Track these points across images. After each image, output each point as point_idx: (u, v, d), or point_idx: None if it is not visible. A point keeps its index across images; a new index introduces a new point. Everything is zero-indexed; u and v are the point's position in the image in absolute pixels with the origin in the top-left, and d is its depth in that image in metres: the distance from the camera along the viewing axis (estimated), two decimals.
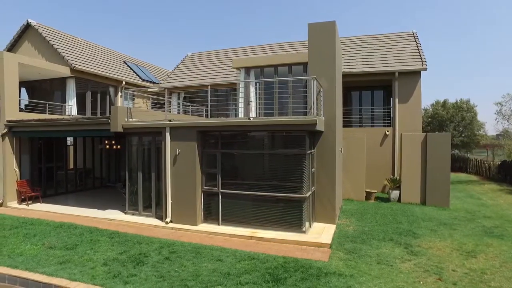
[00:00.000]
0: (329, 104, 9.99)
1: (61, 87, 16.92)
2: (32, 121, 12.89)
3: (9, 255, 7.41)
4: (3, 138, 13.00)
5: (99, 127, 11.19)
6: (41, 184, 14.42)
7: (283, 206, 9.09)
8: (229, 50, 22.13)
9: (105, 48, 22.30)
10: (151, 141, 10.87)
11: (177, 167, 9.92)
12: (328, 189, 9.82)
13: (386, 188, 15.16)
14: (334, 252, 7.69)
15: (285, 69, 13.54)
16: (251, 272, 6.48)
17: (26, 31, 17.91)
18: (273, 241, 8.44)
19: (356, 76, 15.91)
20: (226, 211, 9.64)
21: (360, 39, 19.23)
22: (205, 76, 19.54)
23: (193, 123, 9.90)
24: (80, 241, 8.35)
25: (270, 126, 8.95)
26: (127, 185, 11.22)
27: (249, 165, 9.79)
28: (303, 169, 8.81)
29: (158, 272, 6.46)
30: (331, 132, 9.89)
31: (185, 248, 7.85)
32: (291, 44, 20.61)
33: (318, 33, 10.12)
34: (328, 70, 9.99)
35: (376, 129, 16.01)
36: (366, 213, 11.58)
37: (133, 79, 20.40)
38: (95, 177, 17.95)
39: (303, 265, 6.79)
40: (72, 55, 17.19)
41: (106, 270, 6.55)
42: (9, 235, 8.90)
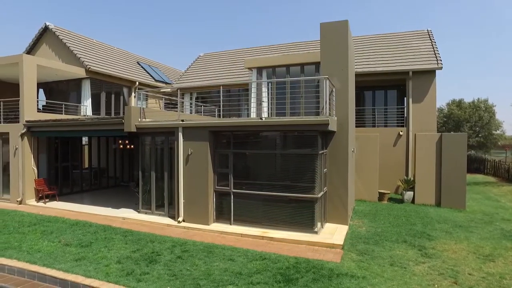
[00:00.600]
0: (342, 104, 9.90)
1: (77, 88, 17.27)
2: (49, 121, 13.20)
3: (28, 251, 7.62)
4: (22, 138, 13.35)
5: (113, 127, 11.36)
6: (58, 183, 14.75)
7: (295, 207, 9.06)
8: (241, 50, 22.18)
9: (119, 49, 22.66)
10: (164, 141, 10.99)
11: (189, 166, 10.00)
12: (340, 190, 9.74)
13: (399, 189, 14.95)
14: (346, 253, 7.62)
15: (297, 69, 13.51)
16: (263, 272, 6.48)
17: (44, 34, 18.37)
18: (285, 241, 8.42)
19: (369, 76, 15.73)
20: (238, 211, 9.67)
21: (373, 38, 19.00)
22: (217, 76, 19.63)
23: (206, 123, 9.96)
24: (95, 239, 8.51)
25: (282, 126, 8.93)
26: (140, 184, 11.37)
27: (261, 165, 9.79)
28: (315, 169, 8.77)
29: (170, 271, 6.53)
30: (343, 132, 9.81)
31: (197, 247, 7.91)
32: (303, 44, 20.52)
33: (331, 32, 10.05)
34: (340, 70, 9.91)
35: (390, 129, 15.79)
36: (379, 214, 11.44)
37: (146, 80, 20.66)
38: (109, 176, 18.26)
39: (315, 266, 6.76)
40: (87, 57, 17.52)
41: (119, 268, 6.66)
42: (28, 232, 9.15)
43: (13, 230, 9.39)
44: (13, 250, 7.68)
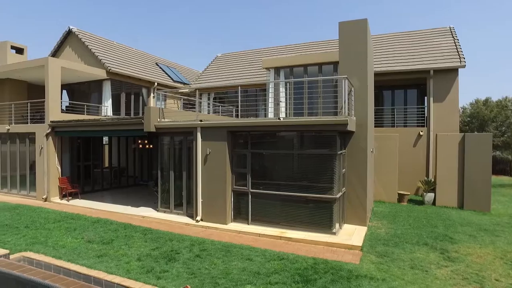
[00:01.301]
0: (361, 103, 9.78)
1: (98, 89, 17.72)
2: (72, 121, 13.61)
3: (53, 247, 7.88)
4: (47, 138, 13.81)
5: (133, 127, 11.60)
6: (80, 181, 15.18)
7: (313, 207, 9.01)
8: (258, 50, 22.21)
9: (138, 51, 23.10)
10: (182, 141, 11.14)
11: (207, 166, 10.10)
12: (359, 190, 9.62)
13: (419, 190, 14.62)
14: (365, 254, 7.52)
15: (315, 68, 13.42)
16: (281, 272, 6.48)
17: (68, 37, 18.95)
18: (303, 241, 8.39)
19: (389, 75, 15.45)
20: (256, 211, 9.70)
21: (393, 37, 18.65)
22: (235, 76, 19.73)
23: (224, 123, 10.04)
24: (116, 236, 8.71)
25: (300, 126, 8.90)
26: (159, 183, 11.56)
27: (278, 165, 9.79)
28: (334, 169, 8.69)
29: (189, 269, 6.61)
30: (362, 132, 9.68)
31: (215, 246, 7.98)
32: (321, 43, 20.36)
33: (349, 31, 9.94)
34: (359, 69, 9.79)
35: (409, 129, 15.47)
36: (398, 215, 11.23)
37: (165, 80, 20.99)
38: (129, 176, 18.65)
39: (333, 267, 6.70)
40: (108, 58, 17.95)
41: (140, 265, 6.79)
42: (53, 228, 9.47)
43: (40, 226, 9.74)
44: (40, 245, 7.97)
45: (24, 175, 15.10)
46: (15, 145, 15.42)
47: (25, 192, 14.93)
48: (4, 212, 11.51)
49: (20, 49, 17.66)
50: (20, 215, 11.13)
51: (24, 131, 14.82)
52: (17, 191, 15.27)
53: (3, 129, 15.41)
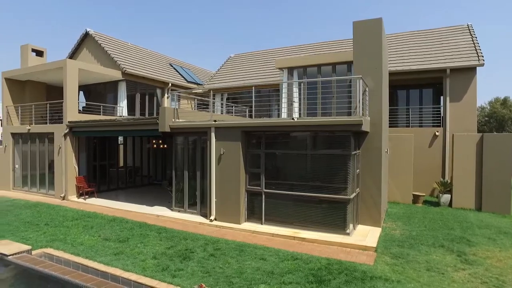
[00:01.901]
0: (375, 103, 9.69)
1: (114, 90, 18.05)
2: (89, 121, 13.90)
3: (72, 244, 8.10)
4: (65, 138, 14.16)
5: (148, 127, 11.78)
6: (96, 180, 15.50)
7: (327, 207, 8.98)
8: (271, 50, 22.22)
9: (152, 52, 23.41)
10: (196, 141, 11.25)
11: (221, 166, 10.18)
12: (373, 191, 9.54)
13: (435, 191, 14.38)
14: (380, 256, 7.46)
15: (328, 68, 13.35)
16: (294, 272, 6.49)
17: (85, 39, 19.38)
18: (316, 242, 8.37)
19: (403, 74, 15.24)
20: (269, 211, 9.72)
21: (408, 35, 18.38)
22: (248, 76, 19.79)
23: (238, 123, 10.10)
24: (131, 235, 8.87)
25: (314, 126, 8.88)
26: (173, 183, 11.70)
27: (292, 165, 9.79)
28: (348, 170, 8.64)
29: (203, 268, 6.69)
30: (377, 132, 9.60)
31: (229, 245, 8.04)
32: (334, 43, 20.23)
33: (364, 31, 9.86)
34: (374, 69, 9.70)
35: (425, 130, 15.23)
36: (413, 217, 11.08)
37: (179, 81, 21.22)
38: (143, 175, 18.93)
39: (347, 268, 6.67)
40: (123, 60, 18.27)
41: (155, 263, 6.90)
42: (71, 226, 9.72)
43: (59, 223, 10.00)
44: (59, 242, 8.19)
45: (43, 174, 15.52)
46: (35, 145, 15.87)
47: (44, 191, 15.34)
48: (26, 210, 11.87)
49: (40, 51, 18.14)
50: (40, 212, 11.46)
51: (43, 131, 15.24)
52: (37, 189, 15.71)
53: (24, 129, 15.89)
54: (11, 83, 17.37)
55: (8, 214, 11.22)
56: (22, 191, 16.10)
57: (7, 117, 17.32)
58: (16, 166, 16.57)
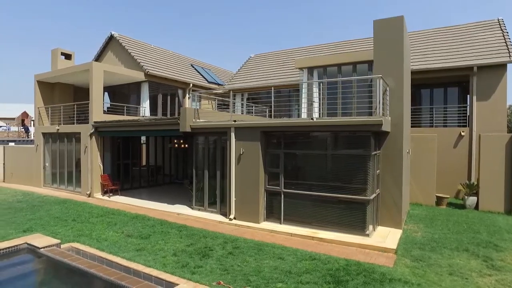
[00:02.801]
0: (396, 103, 9.52)
1: (137, 91, 18.57)
2: (113, 122, 14.37)
3: (97, 239, 8.44)
4: (91, 137, 14.71)
5: (170, 127, 12.04)
6: (119, 179, 15.99)
7: (346, 208, 8.91)
8: (291, 50, 22.18)
9: (174, 53, 23.88)
10: (216, 141, 11.42)
11: (241, 166, 10.29)
12: (394, 192, 9.38)
13: (460, 193, 13.92)
14: (400, 258, 7.34)
15: (349, 68, 13.22)
16: (312, 272, 6.50)
17: (110, 41, 20.03)
18: (335, 242, 8.33)
19: (427, 73, 14.85)
20: (288, 211, 9.75)
21: (432, 32, 17.87)
22: (268, 77, 19.85)
23: (257, 123, 10.18)
24: (153, 232, 9.13)
25: (334, 126, 8.84)
26: (194, 182, 11.92)
27: (311, 165, 9.77)
28: (368, 170, 8.54)
29: (222, 266, 6.80)
30: (398, 132, 9.43)
31: (248, 244, 8.13)
32: (355, 41, 19.96)
33: (385, 29, 9.71)
34: (395, 68, 9.54)
35: (449, 130, 14.78)
36: (436, 219, 10.79)
37: (200, 81, 21.55)
38: (165, 174, 19.35)
39: (366, 269, 6.61)
40: (146, 61, 18.75)
41: (175, 260, 7.08)
42: (96, 222, 10.11)
43: (85, 219, 10.43)
44: (85, 237, 8.56)
45: (71, 172, 16.19)
46: (63, 144, 16.57)
47: (72, 188, 15.99)
48: (55, 206, 12.45)
49: (68, 55, 18.91)
50: (68, 209, 11.98)
51: (71, 131, 15.89)
52: (65, 186, 16.40)
53: (53, 129, 16.62)
54: (42, 85, 18.23)
55: (39, 210, 11.80)
56: (51, 188, 16.85)
57: (39, 118, 18.19)
58: (47, 164, 17.36)
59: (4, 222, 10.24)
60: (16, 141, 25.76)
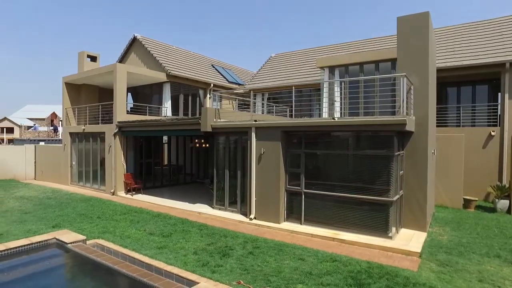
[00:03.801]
0: (421, 102, 9.23)
1: (159, 91, 18.92)
2: (136, 122, 14.69)
3: (120, 236, 8.65)
4: (115, 137, 15.10)
5: (191, 127, 12.18)
6: (142, 177, 16.32)
7: (368, 209, 8.73)
8: (312, 50, 21.97)
9: (195, 54, 24.18)
10: (237, 140, 11.45)
11: (261, 166, 10.28)
12: (418, 194, 9.10)
13: (490, 196, 13.35)
14: (425, 262, 7.10)
15: (371, 66, 12.96)
16: (333, 273, 6.40)
17: (133, 43, 20.52)
18: (356, 244, 8.17)
19: (454, 70, 14.33)
20: (308, 211, 9.65)
21: (460, 28, 17.24)
22: (289, 76, 19.75)
23: (278, 123, 10.13)
24: (174, 230, 9.25)
25: (355, 126, 8.67)
26: (215, 181, 12.01)
27: (333, 165, 9.63)
28: (391, 171, 8.33)
29: (242, 265, 6.81)
30: (422, 132, 9.14)
31: (268, 244, 8.10)
32: (377, 40, 19.54)
33: (409, 26, 9.43)
34: (420, 66, 9.25)
35: (478, 129, 14.19)
36: (463, 222, 10.38)
37: (220, 82, 21.71)
38: (186, 173, 19.61)
39: (389, 272, 6.44)
40: (168, 62, 19.07)
41: (196, 259, 7.15)
42: (119, 220, 10.37)
43: (109, 217, 10.72)
44: (109, 234, 8.79)
45: (96, 171, 16.69)
46: (89, 144, 17.10)
47: (97, 186, 16.48)
48: (81, 203, 12.87)
49: (94, 57, 19.50)
50: (93, 206, 12.35)
51: (96, 130, 16.38)
52: (90, 184, 16.92)
53: (80, 129, 17.19)
54: (69, 87, 18.91)
55: (67, 207, 12.23)
56: (78, 186, 17.44)
57: (66, 118, 18.87)
58: (73, 163, 17.98)
59: (36, 217, 10.70)
60: (46, 141, 26.84)
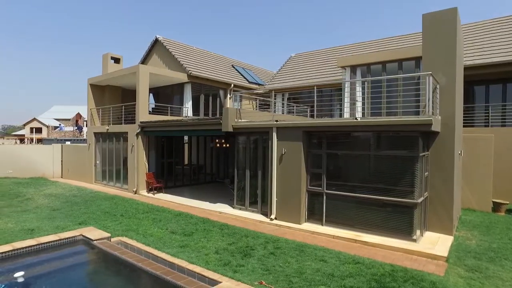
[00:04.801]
0: (447, 101, 8.94)
1: (180, 91, 19.19)
2: (158, 122, 14.95)
3: (143, 234, 8.82)
4: (137, 137, 15.43)
5: (212, 127, 12.28)
6: (163, 177, 16.60)
7: (391, 211, 8.54)
8: (333, 49, 21.72)
9: (215, 54, 24.38)
10: (258, 140, 11.45)
11: (282, 166, 10.24)
12: (444, 196, 8.82)
13: None
14: (452, 267, 6.87)
15: (394, 65, 12.67)
16: (356, 276, 6.29)
17: (155, 45, 20.91)
18: (379, 246, 8.01)
19: (483, 68, 13.80)
20: (330, 212, 9.54)
21: (489, 24, 16.58)
22: (309, 76, 19.60)
23: (300, 123, 10.07)
24: (195, 230, 9.35)
25: (379, 126, 8.49)
26: (235, 181, 12.06)
27: (355, 166, 9.48)
28: (415, 172, 8.12)
29: (264, 266, 6.80)
30: (449, 132, 8.86)
31: (289, 245, 8.06)
32: (400, 38, 19.07)
33: (435, 23, 9.15)
34: (446, 64, 8.96)
35: (509, 129, 13.59)
36: (493, 227, 9.98)
37: (241, 82, 21.79)
38: (206, 173, 19.79)
39: (414, 276, 6.27)
40: (188, 63, 19.31)
41: (217, 258, 7.20)
42: (142, 218, 10.58)
43: (132, 215, 10.96)
44: (133, 232, 8.98)
45: (119, 170, 17.10)
46: (112, 143, 17.56)
47: (120, 185, 16.88)
48: (105, 201, 13.22)
49: (117, 59, 20.01)
50: (117, 204, 12.66)
51: (119, 130, 16.78)
52: (114, 183, 17.36)
53: (104, 129, 17.67)
54: (94, 88, 19.48)
55: (92, 205, 12.60)
56: (101, 184, 17.93)
57: (91, 118, 19.44)
58: (97, 162, 18.49)
59: (63, 214, 11.08)
60: (71, 140, 27.74)
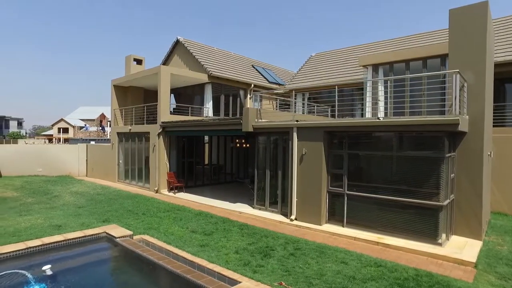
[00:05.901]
0: (476, 100, 8.59)
1: (200, 92, 19.38)
2: (179, 122, 15.15)
3: (164, 233, 8.95)
4: (159, 137, 15.69)
5: (232, 127, 12.31)
6: (184, 176, 16.80)
7: (415, 213, 8.29)
8: (354, 48, 21.34)
9: (235, 55, 24.46)
10: (278, 141, 11.40)
11: (303, 166, 10.15)
12: (472, 199, 8.48)
13: None
14: (481, 273, 6.59)
15: (418, 63, 12.31)
16: (378, 279, 6.14)
17: (176, 46, 21.22)
18: (402, 249, 7.79)
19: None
20: (351, 213, 9.37)
21: None
22: (330, 76, 19.34)
23: (320, 123, 9.95)
24: (215, 229, 9.40)
25: (402, 126, 8.26)
26: (255, 181, 12.05)
27: (377, 167, 9.28)
28: (440, 174, 7.84)
29: (283, 266, 6.75)
30: (477, 133, 8.51)
31: (309, 246, 7.97)
32: (424, 35, 18.48)
33: (463, 19, 8.81)
34: (475, 61, 8.61)
35: None
36: None
37: (261, 82, 21.77)
38: (226, 173, 19.89)
39: (439, 282, 6.05)
40: (209, 63, 19.45)
41: (237, 258, 7.20)
42: (163, 217, 10.74)
43: (153, 214, 11.15)
44: (154, 231, 9.13)
45: (140, 169, 17.45)
46: (134, 143, 17.94)
47: (141, 184, 17.23)
48: (128, 200, 13.52)
49: (139, 60, 20.44)
50: (139, 203, 12.92)
51: (141, 130, 17.13)
52: (136, 182, 17.73)
53: (126, 129, 18.08)
54: (117, 89, 19.99)
55: (115, 203, 12.91)
56: (124, 183, 18.35)
57: (114, 119, 19.95)
58: (120, 161, 18.95)
59: (88, 212, 11.42)
60: (96, 140, 28.59)
